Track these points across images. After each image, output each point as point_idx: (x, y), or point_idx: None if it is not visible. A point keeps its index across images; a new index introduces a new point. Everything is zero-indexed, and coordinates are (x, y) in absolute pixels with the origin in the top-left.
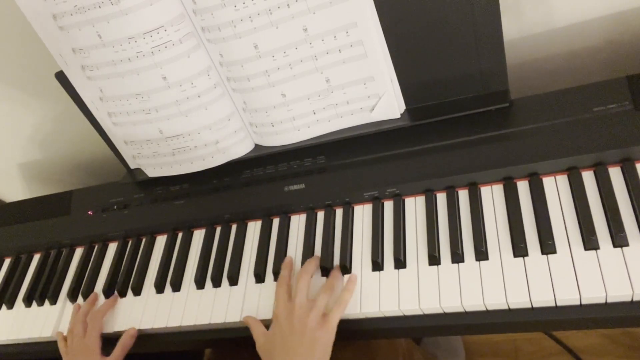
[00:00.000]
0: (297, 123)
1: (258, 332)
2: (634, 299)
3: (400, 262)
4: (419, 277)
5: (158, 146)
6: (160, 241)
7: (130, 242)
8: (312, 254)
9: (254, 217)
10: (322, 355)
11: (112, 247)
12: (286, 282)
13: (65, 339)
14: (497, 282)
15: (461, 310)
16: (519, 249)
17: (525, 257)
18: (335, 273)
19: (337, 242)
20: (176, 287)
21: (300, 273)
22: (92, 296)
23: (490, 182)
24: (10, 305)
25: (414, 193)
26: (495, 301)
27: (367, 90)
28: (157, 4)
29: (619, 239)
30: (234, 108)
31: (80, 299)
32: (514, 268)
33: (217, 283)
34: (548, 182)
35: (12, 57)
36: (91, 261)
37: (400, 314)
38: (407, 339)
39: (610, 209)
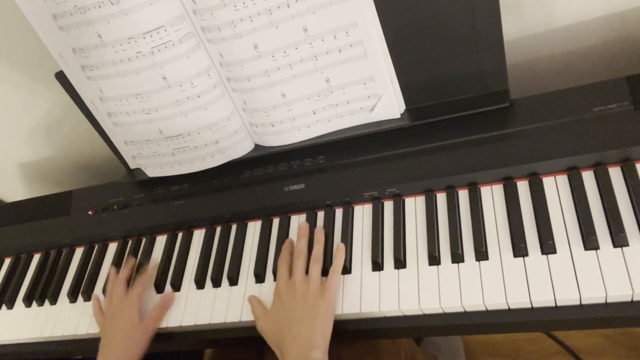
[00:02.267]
0: (297, 123)
1: (259, 311)
2: (634, 299)
3: (400, 262)
4: (419, 277)
5: (158, 146)
6: (160, 241)
7: (130, 242)
8: None
9: (254, 217)
10: (324, 323)
11: (112, 247)
12: (287, 262)
13: (99, 301)
14: (497, 282)
15: (461, 310)
16: (519, 249)
17: (525, 257)
18: (317, 239)
19: (337, 242)
20: (176, 287)
21: (296, 254)
22: (131, 261)
23: (490, 182)
24: (10, 306)
25: (414, 193)
26: (495, 301)
27: (367, 90)
28: (157, 4)
29: (619, 239)
30: (234, 108)
31: (80, 299)
32: (514, 268)
33: (217, 283)
34: (548, 182)
35: (11, 56)
36: (91, 261)
37: (400, 314)
38: (409, 339)
39: (610, 209)
